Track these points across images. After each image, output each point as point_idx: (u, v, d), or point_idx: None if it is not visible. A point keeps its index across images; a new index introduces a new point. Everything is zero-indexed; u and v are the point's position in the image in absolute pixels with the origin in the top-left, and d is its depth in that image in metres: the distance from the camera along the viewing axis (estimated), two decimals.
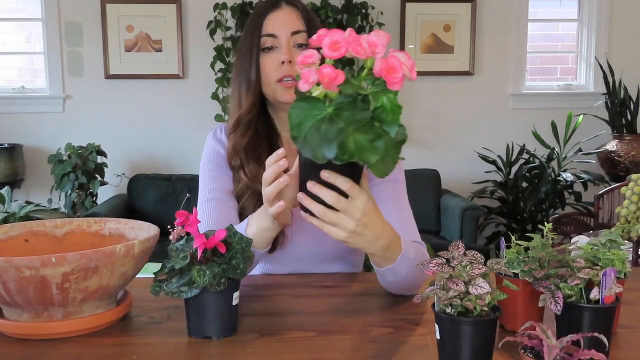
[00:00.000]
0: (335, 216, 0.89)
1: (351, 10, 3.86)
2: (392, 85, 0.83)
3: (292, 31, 1.22)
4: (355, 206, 0.89)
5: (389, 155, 0.83)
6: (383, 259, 1.02)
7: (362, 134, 0.81)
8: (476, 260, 0.81)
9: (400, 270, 1.05)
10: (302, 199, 0.89)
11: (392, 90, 0.83)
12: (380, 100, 0.83)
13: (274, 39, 1.22)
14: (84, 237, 1.13)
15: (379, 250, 0.99)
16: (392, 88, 0.83)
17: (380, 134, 0.82)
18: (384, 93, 0.83)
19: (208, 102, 3.97)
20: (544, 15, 4.34)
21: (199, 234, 0.91)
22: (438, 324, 0.80)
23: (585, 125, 4.03)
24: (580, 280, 0.85)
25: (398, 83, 0.83)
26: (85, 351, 0.90)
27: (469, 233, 3.50)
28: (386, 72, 0.82)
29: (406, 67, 0.84)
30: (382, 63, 0.83)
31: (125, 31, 4.01)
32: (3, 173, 3.75)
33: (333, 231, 0.91)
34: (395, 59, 0.83)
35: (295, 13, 1.24)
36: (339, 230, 0.91)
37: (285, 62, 1.20)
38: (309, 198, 0.89)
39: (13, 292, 0.90)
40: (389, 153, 0.83)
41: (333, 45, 0.83)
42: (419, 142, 4.22)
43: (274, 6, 1.24)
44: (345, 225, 0.90)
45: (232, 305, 0.94)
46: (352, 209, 0.89)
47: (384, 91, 0.83)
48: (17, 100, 4.05)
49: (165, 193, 3.87)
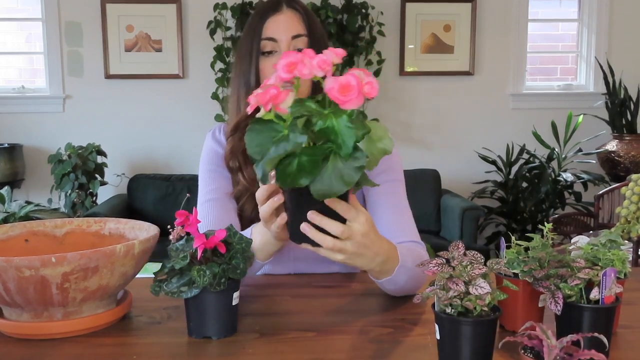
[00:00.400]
0: (336, 242, 0.89)
1: (351, 10, 3.86)
2: (344, 105, 0.79)
3: (293, 35, 1.20)
4: (355, 230, 0.89)
5: (337, 179, 0.79)
6: (381, 273, 1.03)
7: (307, 155, 0.79)
8: (476, 260, 0.81)
9: (399, 280, 1.05)
10: (308, 231, 0.88)
11: (346, 110, 0.79)
12: (328, 122, 0.79)
13: (274, 42, 1.20)
14: (84, 237, 1.13)
15: (377, 265, 0.99)
16: (344, 107, 0.79)
17: (326, 156, 0.79)
18: (335, 114, 0.79)
19: (208, 102, 3.97)
20: (544, 15, 4.34)
21: (199, 234, 0.91)
22: (438, 324, 0.80)
23: (585, 125, 4.03)
24: (580, 281, 0.85)
25: (350, 102, 0.78)
26: (85, 351, 0.90)
27: (469, 233, 3.50)
28: (337, 91, 0.78)
29: (365, 85, 0.80)
30: (333, 82, 0.79)
31: (125, 31, 4.01)
32: (3, 173, 3.75)
33: (332, 255, 0.91)
34: (352, 77, 0.79)
35: (296, 16, 1.22)
36: (338, 254, 0.91)
37: None
38: (315, 229, 0.88)
39: (13, 292, 0.90)
40: (335, 176, 0.79)
41: (288, 68, 0.82)
42: (419, 142, 4.22)
43: (274, 9, 1.22)
44: (346, 249, 0.90)
45: (232, 305, 0.94)
46: (352, 233, 0.89)
47: (335, 112, 0.79)
48: (17, 100, 4.05)
49: (165, 193, 3.87)
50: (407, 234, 1.19)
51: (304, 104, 0.80)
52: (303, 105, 0.80)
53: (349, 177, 0.79)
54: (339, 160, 0.79)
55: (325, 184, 0.79)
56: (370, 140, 0.84)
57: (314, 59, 0.82)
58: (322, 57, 0.81)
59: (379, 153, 0.84)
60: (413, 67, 4.15)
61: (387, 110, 4.14)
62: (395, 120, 4.16)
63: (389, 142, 0.85)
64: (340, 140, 0.78)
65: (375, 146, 0.84)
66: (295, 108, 0.80)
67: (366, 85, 0.80)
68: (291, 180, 0.79)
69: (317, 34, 1.23)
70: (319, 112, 0.80)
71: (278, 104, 0.80)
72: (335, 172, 0.79)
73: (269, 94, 0.80)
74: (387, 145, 0.85)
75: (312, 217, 0.87)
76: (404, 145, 4.13)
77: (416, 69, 4.15)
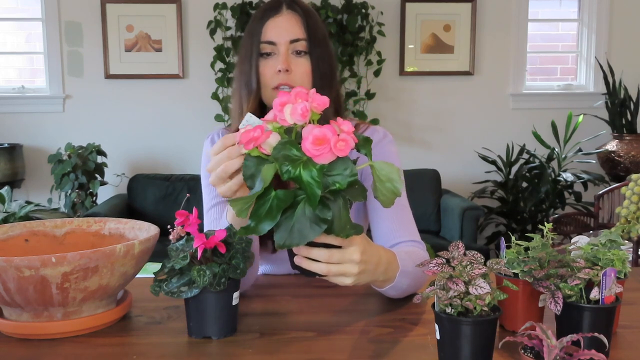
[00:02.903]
0: (338, 268, 0.88)
1: (351, 10, 3.86)
2: (315, 158, 0.76)
3: (291, 39, 1.19)
4: (353, 251, 0.89)
5: (297, 229, 0.77)
6: (384, 281, 1.03)
7: (280, 199, 0.78)
8: (476, 260, 0.81)
9: (401, 285, 1.05)
10: (303, 263, 0.87)
11: (316, 164, 0.77)
12: (296, 171, 0.77)
13: (273, 45, 1.19)
14: (84, 237, 1.13)
15: (380, 275, 0.99)
16: (316, 161, 0.77)
17: (293, 204, 0.78)
18: (305, 165, 0.77)
19: (208, 102, 3.97)
20: (544, 15, 4.34)
21: (199, 234, 0.91)
22: (438, 324, 0.80)
23: (585, 125, 4.04)
24: (580, 280, 0.85)
25: (321, 157, 0.76)
26: (85, 351, 0.90)
27: (469, 233, 3.50)
28: (311, 142, 0.76)
29: (339, 142, 0.77)
30: (309, 132, 0.77)
31: (125, 31, 4.01)
32: (3, 173, 3.74)
33: (339, 280, 0.91)
34: (328, 131, 0.77)
35: (295, 19, 1.21)
36: (345, 278, 0.90)
37: (282, 71, 1.18)
38: (309, 260, 0.87)
39: (13, 292, 0.90)
40: (296, 226, 0.77)
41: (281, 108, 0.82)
42: (419, 142, 4.22)
43: (274, 11, 1.21)
44: (350, 271, 0.89)
45: (232, 305, 0.95)
46: (350, 255, 0.88)
47: (307, 163, 0.77)
48: (17, 100, 4.05)
49: (165, 193, 3.87)
50: (407, 233, 1.19)
51: (286, 147, 0.78)
52: (285, 148, 0.78)
53: (307, 232, 0.77)
54: (307, 209, 0.77)
55: (285, 233, 0.78)
56: (379, 180, 0.82)
57: (298, 106, 0.80)
58: (305, 106, 0.79)
59: (388, 193, 0.83)
60: (413, 67, 4.15)
61: (387, 110, 4.14)
62: (395, 120, 4.16)
63: (398, 184, 0.82)
64: (309, 191, 0.76)
65: (384, 186, 0.82)
66: (276, 150, 0.78)
67: (340, 141, 0.77)
68: (255, 224, 0.77)
69: (318, 38, 1.21)
70: (296, 159, 0.78)
71: (259, 144, 0.80)
72: (299, 222, 0.77)
73: (251, 136, 0.80)
74: (397, 188, 0.82)
75: (306, 253, 0.87)
76: (404, 145, 4.13)
77: (416, 69, 4.15)
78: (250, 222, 0.78)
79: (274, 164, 0.78)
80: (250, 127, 0.82)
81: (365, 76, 3.97)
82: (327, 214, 0.77)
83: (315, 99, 0.82)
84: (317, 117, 0.83)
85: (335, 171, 0.78)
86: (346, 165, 0.78)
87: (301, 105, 0.79)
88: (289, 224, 0.78)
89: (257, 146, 0.80)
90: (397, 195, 0.83)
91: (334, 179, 0.78)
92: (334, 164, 0.78)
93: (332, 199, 0.79)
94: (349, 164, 0.78)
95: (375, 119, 3.96)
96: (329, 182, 0.78)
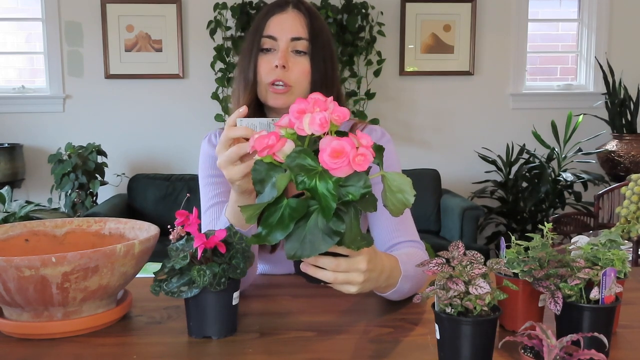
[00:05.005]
0: (345, 277, 0.88)
1: (351, 10, 3.86)
2: (332, 172, 0.74)
3: (293, 37, 1.19)
4: (360, 260, 0.88)
5: (309, 240, 0.76)
6: (386, 287, 1.03)
7: (292, 208, 0.76)
8: (476, 260, 0.81)
9: (404, 288, 1.05)
10: (310, 270, 0.87)
11: (332, 176, 0.75)
12: (312, 183, 0.75)
13: (273, 41, 1.19)
14: (84, 237, 1.13)
15: (384, 282, 0.99)
16: (333, 174, 0.74)
17: (307, 215, 0.76)
18: (322, 175, 0.75)
19: (208, 102, 3.97)
20: (544, 15, 4.34)
21: (199, 234, 0.91)
22: (438, 324, 0.80)
23: (585, 125, 4.04)
24: (580, 280, 0.85)
25: (338, 170, 0.74)
26: (85, 351, 0.91)
27: (469, 233, 3.50)
28: (329, 155, 0.74)
29: (358, 156, 0.74)
30: (327, 143, 0.75)
31: (125, 31, 4.01)
32: (3, 173, 3.75)
33: (344, 288, 0.90)
34: (347, 144, 0.74)
35: (299, 18, 1.21)
36: (351, 287, 0.90)
37: (279, 67, 1.17)
38: (315, 268, 0.87)
39: (13, 291, 0.90)
40: (308, 237, 0.76)
41: (299, 114, 0.79)
42: (419, 142, 4.22)
43: (280, 8, 1.22)
44: (356, 280, 0.89)
45: (232, 305, 0.95)
46: (357, 264, 0.88)
47: (322, 173, 0.75)
48: (17, 100, 4.05)
49: (165, 193, 3.87)
50: (406, 233, 1.19)
51: (301, 156, 0.77)
52: (299, 157, 0.77)
53: (318, 244, 0.76)
54: (320, 221, 0.76)
55: (297, 244, 0.76)
56: (390, 190, 0.81)
57: (317, 115, 0.77)
58: (324, 116, 0.77)
59: (398, 203, 0.81)
60: (413, 67, 4.15)
61: (387, 110, 4.14)
62: (395, 120, 4.16)
63: (409, 196, 0.81)
64: (323, 203, 0.74)
65: (395, 197, 0.81)
66: (290, 159, 0.77)
67: (359, 156, 0.75)
68: (267, 233, 0.76)
69: (321, 40, 1.21)
70: (311, 169, 0.76)
71: (274, 152, 0.78)
72: (311, 233, 0.76)
73: (266, 143, 0.77)
74: (407, 199, 0.81)
75: (314, 261, 0.86)
76: (404, 145, 4.13)
77: (416, 68, 4.15)
78: (262, 230, 0.77)
79: (288, 174, 0.76)
80: (264, 132, 0.80)
81: (365, 76, 3.97)
82: (341, 226, 0.76)
83: (336, 110, 0.79)
84: (335, 129, 0.80)
85: (349, 182, 0.76)
86: (360, 177, 0.76)
87: (320, 116, 0.77)
88: (300, 235, 0.76)
89: (272, 155, 0.79)
90: (407, 206, 0.81)
91: (348, 190, 0.76)
92: (349, 176, 0.76)
93: (345, 210, 0.77)
94: (363, 176, 0.76)
95: (375, 119, 3.96)
96: (342, 193, 0.76)
